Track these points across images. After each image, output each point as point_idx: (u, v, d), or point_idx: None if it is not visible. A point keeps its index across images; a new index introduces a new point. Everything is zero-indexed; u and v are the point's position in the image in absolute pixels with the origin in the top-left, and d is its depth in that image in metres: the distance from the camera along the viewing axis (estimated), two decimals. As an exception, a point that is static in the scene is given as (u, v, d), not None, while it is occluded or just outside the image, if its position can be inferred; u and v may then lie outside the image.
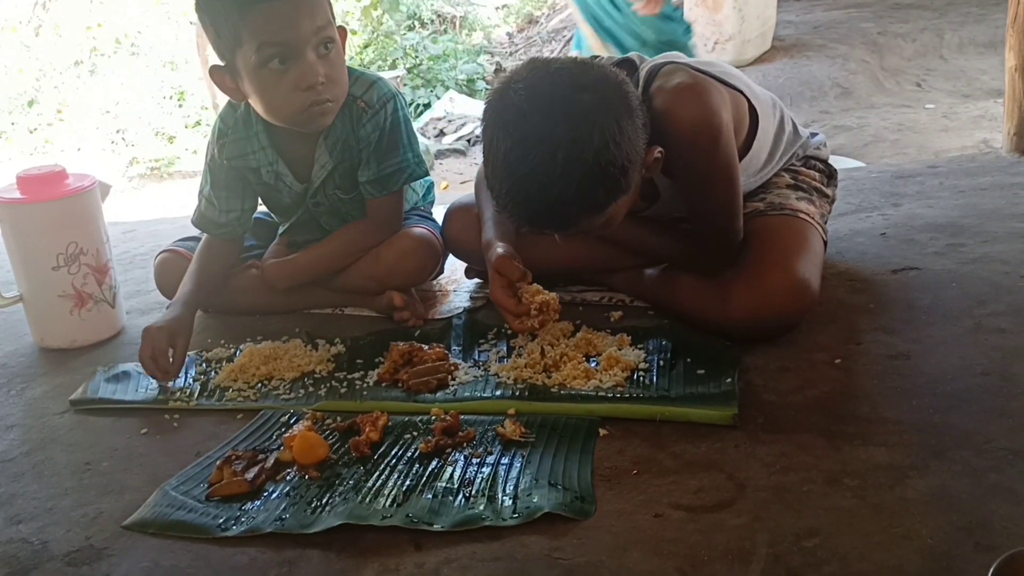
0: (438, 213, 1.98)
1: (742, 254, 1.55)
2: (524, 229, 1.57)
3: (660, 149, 1.43)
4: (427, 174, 1.83)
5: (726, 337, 1.52)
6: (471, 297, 1.83)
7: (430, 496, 1.19)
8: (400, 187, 1.76)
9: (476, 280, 1.90)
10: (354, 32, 7.68)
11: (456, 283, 1.91)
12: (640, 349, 1.52)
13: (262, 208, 1.94)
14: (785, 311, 1.49)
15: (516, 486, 1.20)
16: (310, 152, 1.74)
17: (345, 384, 1.52)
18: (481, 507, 1.16)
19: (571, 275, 1.78)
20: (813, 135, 1.83)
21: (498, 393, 1.44)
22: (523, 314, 1.50)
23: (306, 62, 1.59)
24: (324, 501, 1.19)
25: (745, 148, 1.60)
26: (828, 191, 1.78)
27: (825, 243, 1.67)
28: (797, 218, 1.62)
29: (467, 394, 1.45)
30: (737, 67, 1.79)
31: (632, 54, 1.61)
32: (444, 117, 6.53)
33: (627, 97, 1.37)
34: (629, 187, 1.38)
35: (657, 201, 1.64)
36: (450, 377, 1.49)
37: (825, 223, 1.70)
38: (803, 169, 1.76)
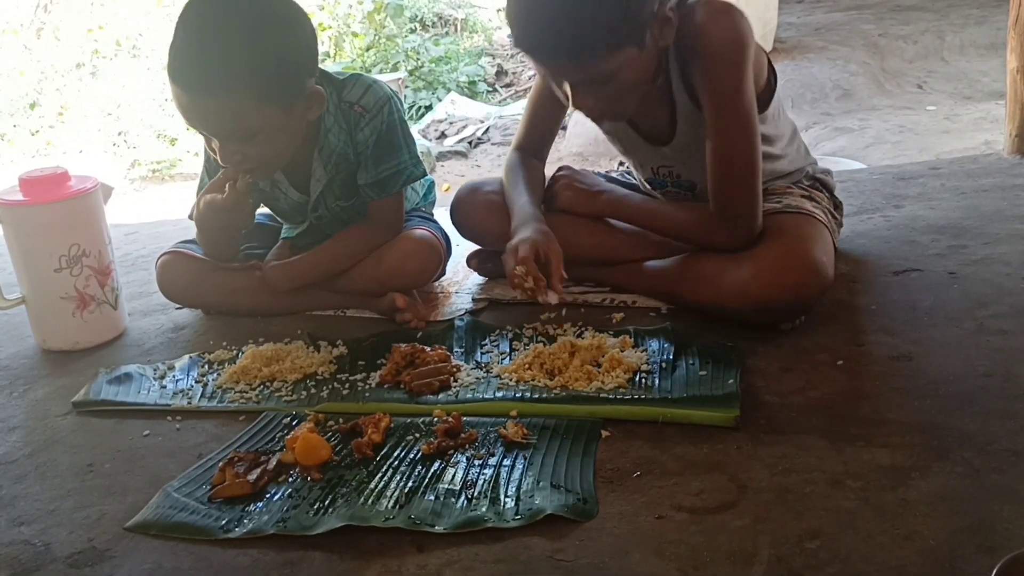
0: (439, 214, 1.99)
1: (757, 241, 1.56)
2: (541, 67, 1.57)
3: (672, 7, 1.48)
4: (425, 174, 1.83)
5: (738, 319, 1.53)
6: (473, 299, 1.83)
7: (432, 498, 1.19)
8: (399, 189, 1.76)
9: (478, 281, 1.90)
10: (355, 35, 7.69)
11: (458, 284, 1.91)
12: (642, 351, 1.52)
13: (265, 211, 1.95)
14: (799, 290, 1.50)
15: (518, 488, 1.20)
16: (307, 161, 1.74)
17: (347, 386, 1.52)
18: (483, 509, 1.16)
19: (576, 264, 1.77)
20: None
21: (500, 395, 1.44)
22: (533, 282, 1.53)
23: (216, 144, 1.59)
24: (326, 503, 1.19)
25: (762, 103, 1.63)
26: (836, 215, 1.81)
27: (836, 251, 1.68)
28: (814, 217, 1.64)
29: (469, 396, 1.45)
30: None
31: None
32: (445, 119, 6.54)
33: None
34: (644, 38, 1.44)
35: (674, 138, 1.66)
36: (452, 379, 1.49)
37: (835, 236, 1.73)
38: (813, 191, 1.78)
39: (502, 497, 1.18)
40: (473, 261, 1.91)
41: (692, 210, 1.68)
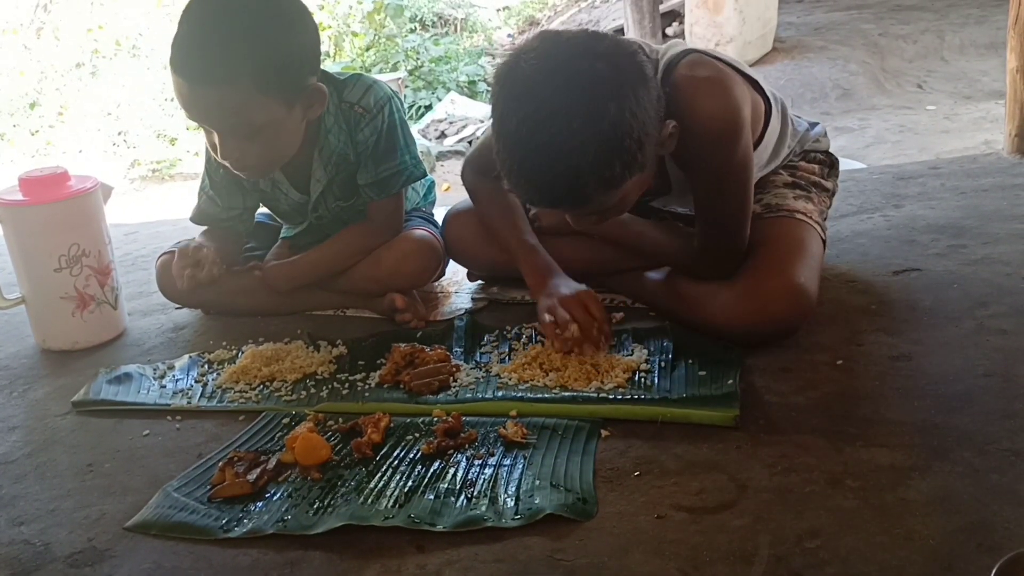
0: (439, 214, 1.98)
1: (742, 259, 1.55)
2: (533, 207, 1.52)
3: (674, 123, 1.39)
4: (425, 175, 1.83)
5: (726, 342, 1.52)
6: (472, 298, 1.83)
7: (432, 497, 1.19)
8: (399, 189, 1.76)
9: (478, 282, 1.90)
10: (355, 35, 7.69)
11: (458, 284, 1.91)
12: (641, 350, 1.52)
13: (265, 211, 1.95)
14: (784, 318, 1.49)
15: (518, 487, 1.20)
16: (307, 162, 1.74)
17: (347, 385, 1.52)
18: (483, 508, 1.16)
19: (573, 277, 1.77)
20: (813, 125, 1.80)
21: (500, 394, 1.44)
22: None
23: (215, 138, 1.59)
24: (326, 502, 1.19)
25: (755, 143, 1.59)
26: (828, 184, 1.76)
27: (824, 241, 1.66)
28: (794, 219, 1.62)
29: (469, 395, 1.45)
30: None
31: (637, 40, 1.59)
32: (445, 119, 6.54)
33: (642, 67, 1.34)
34: (645, 163, 1.35)
35: (668, 193, 1.63)
36: (452, 378, 1.49)
37: (825, 219, 1.70)
38: (801, 164, 1.75)
39: (502, 497, 1.18)
40: (474, 276, 1.90)
41: (678, 240, 1.64)
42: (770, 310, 1.48)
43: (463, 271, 1.92)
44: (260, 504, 1.21)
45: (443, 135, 6.33)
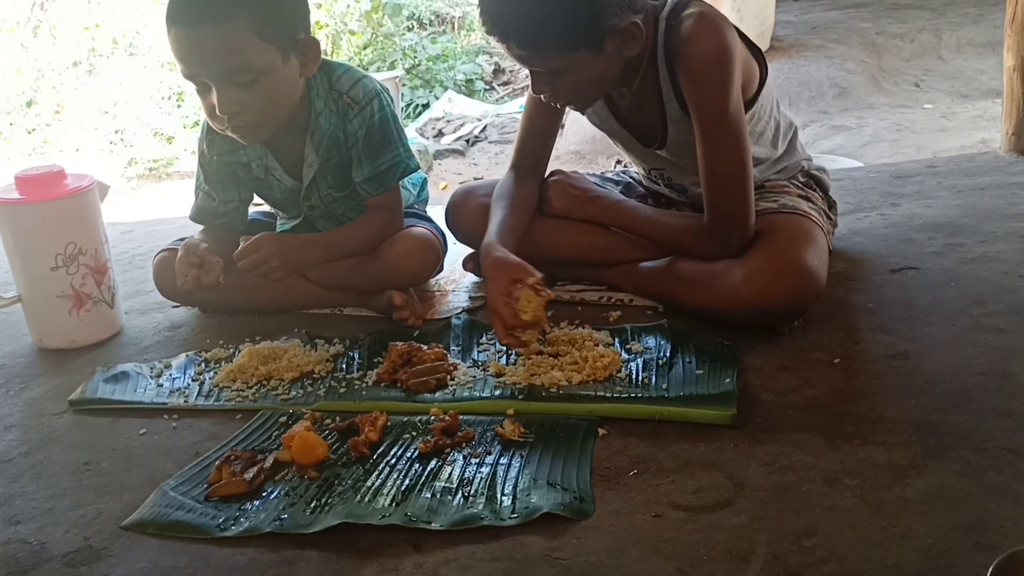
0: (433, 211, 1.99)
1: (751, 243, 1.57)
2: (495, 39, 1.56)
3: (637, 22, 1.49)
4: (419, 166, 1.84)
5: (731, 324, 1.53)
6: (470, 297, 1.83)
7: (429, 496, 1.19)
8: (397, 181, 1.77)
9: (475, 280, 1.90)
10: (353, 33, 7.68)
11: (455, 283, 1.91)
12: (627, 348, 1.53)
13: (263, 208, 1.94)
14: (792, 298, 1.50)
15: (515, 486, 1.20)
16: (299, 146, 1.74)
17: (344, 384, 1.52)
18: (480, 507, 1.16)
19: (570, 265, 1.78)
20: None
21: (497, 393, 1.44)
22: (516, 327, 1.47)
23: (213, 93, 1.58)
24: (323, 501, 1.19)
25: (747, 104, 1.62)
26: (832, 215, 1.81)
27: (830, 251, 1.68)
28: (807, 217, 1.64)
29: (466, 394, 1.45)
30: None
31: None
32: (443, 117, 6.53)
33: None
34: (598, 45, 1.48)
35: (665, 144, 1.67)
36: (449, 377, 1.49)
37: (830, 238, 1.73)
38: (808, 190, 1.78)
39: (499, 495, 1.18)
40: (469, 264, 1.90)
41: (686, 219, 1.68)
42: (778, 289, 1.49)
43: (460, 269, 1.92)
44: (257, 503, 1.21)
45: (440, 134, 6.32)
